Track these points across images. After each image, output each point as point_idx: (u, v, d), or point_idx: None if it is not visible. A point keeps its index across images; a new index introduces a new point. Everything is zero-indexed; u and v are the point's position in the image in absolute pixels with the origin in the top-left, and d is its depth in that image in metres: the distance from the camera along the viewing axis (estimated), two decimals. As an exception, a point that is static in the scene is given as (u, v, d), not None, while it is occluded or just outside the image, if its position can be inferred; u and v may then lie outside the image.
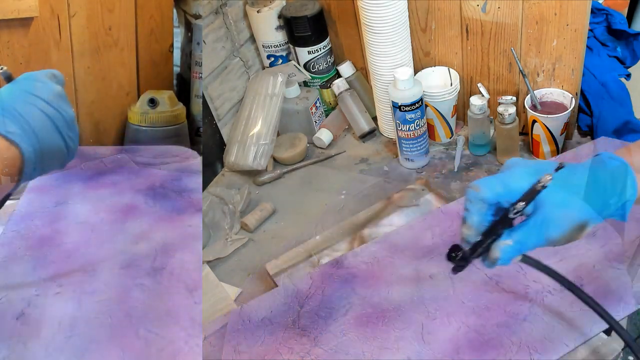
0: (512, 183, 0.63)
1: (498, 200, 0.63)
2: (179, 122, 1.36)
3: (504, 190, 0.63)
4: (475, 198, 0.64)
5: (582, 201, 0.62)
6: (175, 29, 1.49)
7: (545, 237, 0.62)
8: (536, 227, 0.62)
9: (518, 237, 0.63)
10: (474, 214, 0.64)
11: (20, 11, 1.18)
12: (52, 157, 0.70)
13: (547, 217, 0.62)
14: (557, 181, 0.61)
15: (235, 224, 1.09)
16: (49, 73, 0.75)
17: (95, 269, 0.86)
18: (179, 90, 1.52)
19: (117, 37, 1.35)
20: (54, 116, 0.69)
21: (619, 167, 0.64)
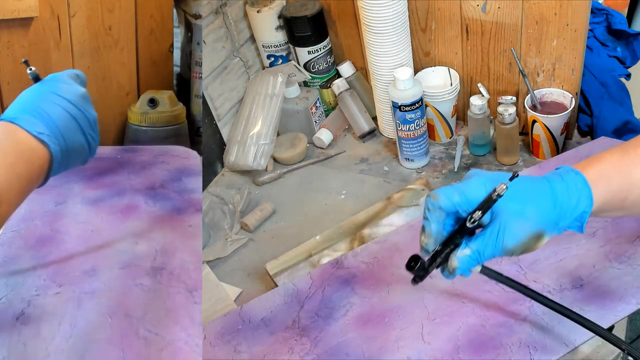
0: (470, 192, 0.63)
1: (456, 209, 0.64)
2: (179, 122, 1.36)
3: (461, 199, 0.63)
4: (433, 206, 0.64)
5: (538, 211, 0.62)
6: (175, 29, 1.49)
7: (501, 246, 0.63)
8: (493, 237, 0.63)
9: (476, 246, 0.63)
10: (432, 222, 0.65)
11: (20, 11, 1.18)
12: (75, 156, 0.74)
13: (503, 227, 0.62)
14: (514, 191, 0.62)
15: (235, 224, 1.09)
16: (73, 74, 0.78)
17: (95, 269, 0.86)
18: (179, 90, 1.52)
19: (117, 37, 1.35)
20: (78, 117, 0.73)
21: (575, 179, 0.64)
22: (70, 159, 0.73)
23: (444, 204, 0.64)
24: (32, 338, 0.74)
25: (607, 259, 0.83)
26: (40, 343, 0.73)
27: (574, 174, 0.64)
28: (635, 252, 0.83)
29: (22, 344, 0.73)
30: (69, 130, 0.72)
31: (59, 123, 0.71)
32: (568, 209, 0.63)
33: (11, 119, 0.69)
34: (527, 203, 0.63)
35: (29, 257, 0.88)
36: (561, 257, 0.84)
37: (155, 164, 1.16)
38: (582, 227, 0.65)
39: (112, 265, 0.87)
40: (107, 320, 0.77)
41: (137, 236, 0.93)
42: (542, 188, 0.64)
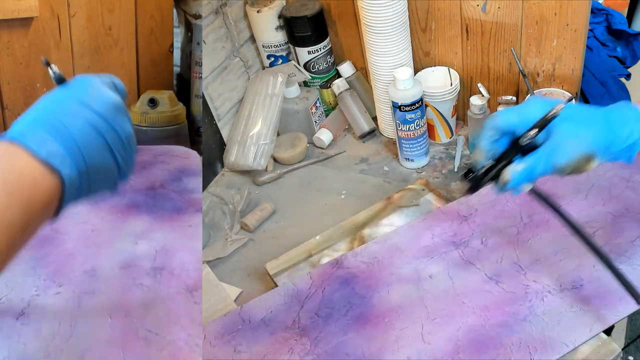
0: (527, 112, 0.67)
1: (513, 130, 0.67)
2: (179, 122, 1.36)
3: (518, 120, 0.67)
4: (490, 125, 0.68)
5: (591, 133, 0.66)
6: (175, 29, 1.49)
7: (553, 163, 0.66)
8: (545, 154, 0.66)
9: (528, 162, 0.66)
10: (485, 139, 0.69)
11: (20, 11, 1.18)
12: (100, 180, 0.60)
13: (556, 145, 0.65)
14: (569, 112, 0.66)
15: (235, 224, 1.09)
16: (109, 80, 0.64)
17: (95, 269, 0.86)
18: (179, 90, 1.52)
19: (117, 37, 1.35)
20: (106, 132, 0.59)
21: (631, 110, 0.68)
22: (93, 183, 0.59)
23: (501, 122, 0.68)
24: (32, 338, 0.74)
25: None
26: (40, 343, 0.73)
27: (629, 107, 0.68)
28: (635, 252, 0.83)
29: (22, 344, 0.73)
30: (91, 148, 0.57)
31: (78, 139, 0.56)
32: (620, 136, 0.67)
33: (16, 136, 0.55)
34: (582, 125, 0.66)
35: (29, 257, 0.88)
36: (561, 257, 0.84)
37: (155, 164, 1.16)
38: (632, 158, 0.68)
39: (112, 265, 0.87)
40: (107, 320, 0.77)
41: (137, 236, 0.94)
42: (597, 114, 0.68)
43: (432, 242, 0.90)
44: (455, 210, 0.95)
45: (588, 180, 0.95)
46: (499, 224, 0.91)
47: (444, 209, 0.97)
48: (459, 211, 0.95)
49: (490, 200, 0.95)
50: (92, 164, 0.58)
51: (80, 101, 0.58)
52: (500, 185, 0.69)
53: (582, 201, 0.92)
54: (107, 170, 0.60)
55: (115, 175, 0.62)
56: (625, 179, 0.95)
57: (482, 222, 0.92)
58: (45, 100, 0.59)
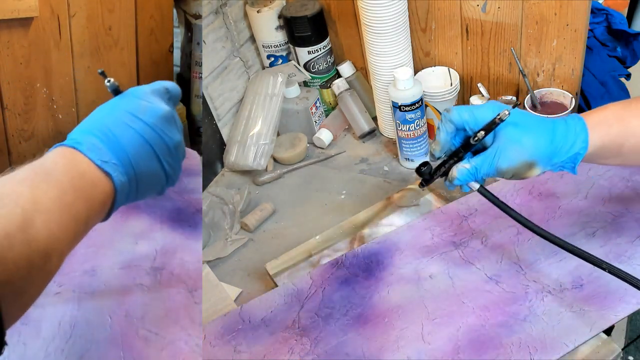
0: (478, 113, 0.71)
1: (464, 126, 0.72)
2: (179, 122, 1.36)
3: (469, 118, 0.72)
4: (445, 119, 0.73)
5: (534, 143, 0.70)
6: (175, 29, 1.49)
7: (496, 165, 0.70)
8: (490, 157, 0.71)
9: (475, 163, 0.72)
10: (442, 132, 0.74)
11: (20, 11, 1.18)
12: (147, 186, 0.65)
13: (500, 149, 0.70)
14: (516, 119, 0.70)
15: (235, 224, 1.09)
16: (162, 88, 0.68)
17: (95, 269, 0.86)
18: (179, 90, 1.52)
19: (117, 37, 1.35)
20: (154, 142, 0.63)
21: (575, 122, 0.71)
22: (141, 190, 0.64)
23: (454, 117, 0.72)
24: (32, 338, 0.74)
25: (607, 259, 0.83)
26: (40, 343, 0.73)
27: (576, 119, 0.71)
28: (635, 252, 0.83)
29: (22, 344, 0.73)
30: (140, 157, 0.62)
31: (129, 149, 0.61)
32: (564, 147, 0.70)
33: (74, 143, 0.60)
34: (526, 133, 0.70)
35: (29, 257, 0.88)
36: (561, 257, 0.84)
37: (155, 164, 1.16)
38: (574, 169, 0.72)
39: (112, 265, 0.87)
40: (107, 320, 0.77)
41: (137, 236, 0.94)
42: (543, 123, 0.71)
43: (432, 242, 0.90)
44: (455, 210, 0.95)
45: (588, 180, 0.95)
46: (499, 224, 0.91)
47: (444, 209, 0.97)
48: (459, 211, 0.95)
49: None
50: (141, 171, 0.63)
51: (131, 113, 0.63)
52: (449, 181, 0.74)
53: (582, 201, 0.92)
54: (155, 177, 0.65)
55: (162, 181, 0.66)
56: (625, 179, 0.95)
57: (482, 222, 0.92)
58: (101, 110, 0.64)
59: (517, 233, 0.89)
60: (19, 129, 1.29)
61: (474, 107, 0.72)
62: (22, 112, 1.29)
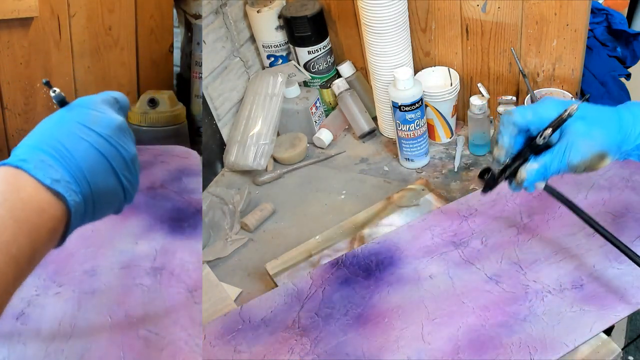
0: (542, 111, 0.69)
1: (528, 127, 0.70)
2: (179, 122, 1.36)
3: (534, 117, 0.69)
4: (507, 122, 0.70)
5: (604, 133, 0.68)
6: (175, 29, 1.49)
7: (567, 162, 0.68)
8: (560, 153, 0.68)
9: (543, 161, 0.69)
10: (505, 135, 0.71)
11: (20, 11, 1.18)
12: (105, 204, 0.59)
13: (570, 144, 0.68)
14: (583, 112, 0.68)
15: (235, 224, 1.09)
16: (110, 98, 0.62)
17: (95, 269, 0.86)
18: (179, 90, 1.52)
19: (117, 37, 1.35)
20: (110, 155, 0.57)
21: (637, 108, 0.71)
22: (98, 209, 0.58)
23: (517, 120, 0.70)
24: (32, 338, 0.74)
25: (607, 259, 0.83)
26: (40, 343, 0.73)
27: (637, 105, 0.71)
28: (636, 252, 0.83)
29: (22, 344, 0.73)
30: (96, 172, 0.56)
31: (83, 164, 0.55)
32: (632, 135, 0.70)
33: (19, 161, 0.53)
34: (595, 125, 0.68)
35: (29, 257, 0.88)
36: (561, 257, 0.84)
37: (155, 164, 1.16)
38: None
39: (112, 265, 0.87)
40: (107, 320, 0.77)
41: (137, 236, 0.93)
42: (610, 113, 0.70)
43: (432, 242, 0.90)
44: (455, 210, 0.95)
45: (588, 180, 0.95)
46: (499, 224, 0.91)
47: (444, 209, 0.97)
48: (459, 211, 0.95)
49: (490, 200, 0.95)
50: (97, 188, 0.56)
51: (83, 124, 0.57)
52: (516, 184, 0.71)
53: (582, 201, 0.92)
54: (113, 194, 0.59)
55: (120, 197, 0.60)
56: (625, 179, 0.95)
57: (482, 222, 0.92)
58: (47, 123, 0.57)
59: (517, 233, 0.89)
60: (19, 129, 1.30)
61: (536, 106, 0.70)
62: (22, 112, 1.29)
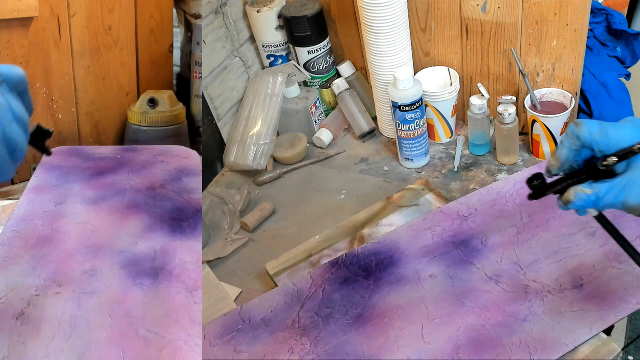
0: (614, 134, 0.61)
1: (592, 146, 0.62)
2: (179, 122, 1.36)
3: (602, 138, 0.61)
4: (572, 133, 0.63)
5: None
6: (175, 29, 1.49)
7: (623, 199, 0.61)
8: (619, 187, 0.61)
9: (598, 189, 0.62)
10: (565, 147, 0.64)
11: (20, 11, 1.18)
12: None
13: (632, 182, 0.60)
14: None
15: (235, 224, 1.09)
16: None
17: (95, 269, 0.86)
18: (179, 90, 1.52)
19: (117, 37, 1.35)
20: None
21: None
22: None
23: (583, 134, 0.62)
24: (32, 338, 0.74)
25: (607, 259, 0.83)
26: (40, 343, 0.73)
27: None
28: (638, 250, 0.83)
29: (22, 344, 0.73)
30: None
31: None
32: None
33: None
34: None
35: (29, 257, 0.88)
36: (561, 257, 0.84)
37: (155, 164, 1.17)
38: None
39: (112, 265, 0.87)
40: (107, 320, 0.77)
41: (137, 236, 0.94)
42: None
43: (432, 242, 0.90)
44: (455, 210, 0.95)
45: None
46: (499, 224, 0.91)
47: (444, 209, 0.97)
48: (459, 211, 0.95)
49: (490, 200, 0.95)
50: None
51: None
52: (563, 203, 0.65)
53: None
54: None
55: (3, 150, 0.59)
56: (625, 179, 0.95)
57: (482, 222, 0.92)
58: None
59: (517, 233, 0.89)
60: (19, 129, 1.29)
61: (610, 126, 0.62)
62: (22, 112, 1.28)
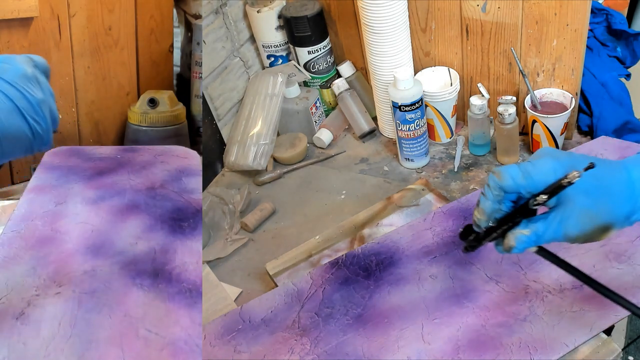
0: (537, 175, 0.61)
1: (518, 190, 0.62)
2: (179, 122, 1.36)
3: (526, 182, 0.61)
4: (494, 184, 0.63)
5: (610, 204, 0.59)
6: (175, 29, 1.49)
7: (563, 232, 0.61)
8: (555, 222, 0.61)
9: (536, 228, 0.62)
10: (489, 199, 0.63)
11: (20, 11, 1.18)
12: (13, 142, 0.67)
13: (568, 214, 0.60)
14: (586, 182, 0.59)
15: (235, 224, 1.09)
16: (26, 57, 0.72)
17: (95, 269, 0.86)
18: (179, 90, 1.52)
19: (117, 37, 1.35)
20: (15, 98, 0.67)
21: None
22: (6, 145, 0.66)
23: (506, 184, 0.62)
24: (32, 338, 0.74)
25: (607, 259, 0.83)
26: (40, 343, 0.73)
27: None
28: (635, 252, 0.83)
29: (22, 344, 0.73)
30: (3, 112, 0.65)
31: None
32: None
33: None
34: (599, 196, 0.59)
35: (29, 257, 0.88)
36: (561, 257, 0.84)
37: (155, 164, 1.16)
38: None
39: (112, 265, 0.87)
40: (107, 320, 0.77)
41: (137, 236, 0.93)
42: (618, 178, 0.60)
43: (432, 242, 0.90)
44: (456, 210, 0.95)
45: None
46: (499, 224, 0.91)
47: (444, 208, 0.97)
48: (459, 211, 0.95)
49: (490, 200, 0.95)
50: (4, 126, 0.65)
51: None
52: (505, 249, 0.65)
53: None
54: (19, 132, 0.67)
55: (29, 137, 0.68)
56: (625, 179, 0.95)
57: (482, 222, 0.92)
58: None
59: (517, 233, 0.89)
60: (19, 129, 1.29)
61: (529, 167, 0.61)
62: (22, 112, 1.29)
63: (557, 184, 0.59)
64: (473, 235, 0.66)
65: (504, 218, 0.64)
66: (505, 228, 0.63)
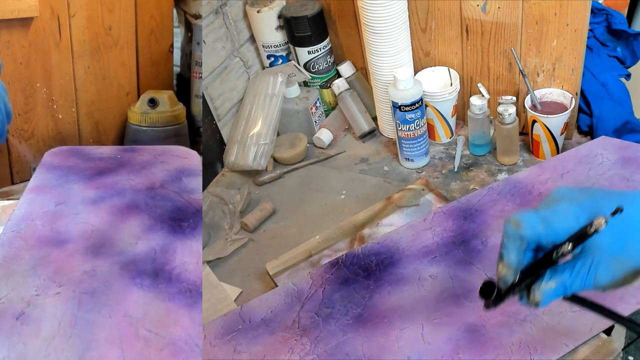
0: (558, 223, 0.57)
1: (539, 240, 0.58)
2: (179, 122, 1.36)
3: (547, 231, 0.57)
4: (514, 235, 0.58)
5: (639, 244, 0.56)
6: (175, 29, 1.49)
7: (593, 281, 0.57)
8: (583, 272, 0.57)
9: (562, 279, 0.57)
10: (512, 251, 0.58)
11: (20, 11, 1.18)
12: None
13: (597, 263, 0.56)
14: (614, 226, 0.55)
15: (235, 224, 1.09)
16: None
17: (95, 269, 0.86)
18: (179, 90, 1.52)
19: (117, 37, 1.35)
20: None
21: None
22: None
23: (526, 233, 0.57)
24: (32, 338, 0.74)
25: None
26: (40, 343, 0.73)
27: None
28: None
29: (22, 344, 0.73)
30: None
31: None
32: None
33: None
34: (628, 239, 0.56)
35: (29, 257, 0.88)
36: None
37: (155, 164, 1.16)
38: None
39: (112, 265, 0.87)
40: (107, 320, 0.77)
41: (137, 236, 0.93)
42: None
43: (432, 242, 0.90)
44: (456, 210, 0.95)
45: (588, 180, 0.95)
46: (499, 224, 0.91)
47: (444, 209, 0.97)
48: (459, 211, 0.95)
49: (490, 200, 0.95)
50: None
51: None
52: (530, 304, 0.59)
53: (582, 201, 0.92)
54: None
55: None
56: (625, 179, 0.95)
57: (482, 222, 0.92)
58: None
59: (517, 233, 0.89)
60: (19, 129, 1.30)
61: (549, 216, 0.57)
62: (22, 112, 1.29)
63: (582, 232, 0.56)
64: (494, 294, 0.60)
65: (526, 271, 0.59)
66: (528, 282, 0.59)
